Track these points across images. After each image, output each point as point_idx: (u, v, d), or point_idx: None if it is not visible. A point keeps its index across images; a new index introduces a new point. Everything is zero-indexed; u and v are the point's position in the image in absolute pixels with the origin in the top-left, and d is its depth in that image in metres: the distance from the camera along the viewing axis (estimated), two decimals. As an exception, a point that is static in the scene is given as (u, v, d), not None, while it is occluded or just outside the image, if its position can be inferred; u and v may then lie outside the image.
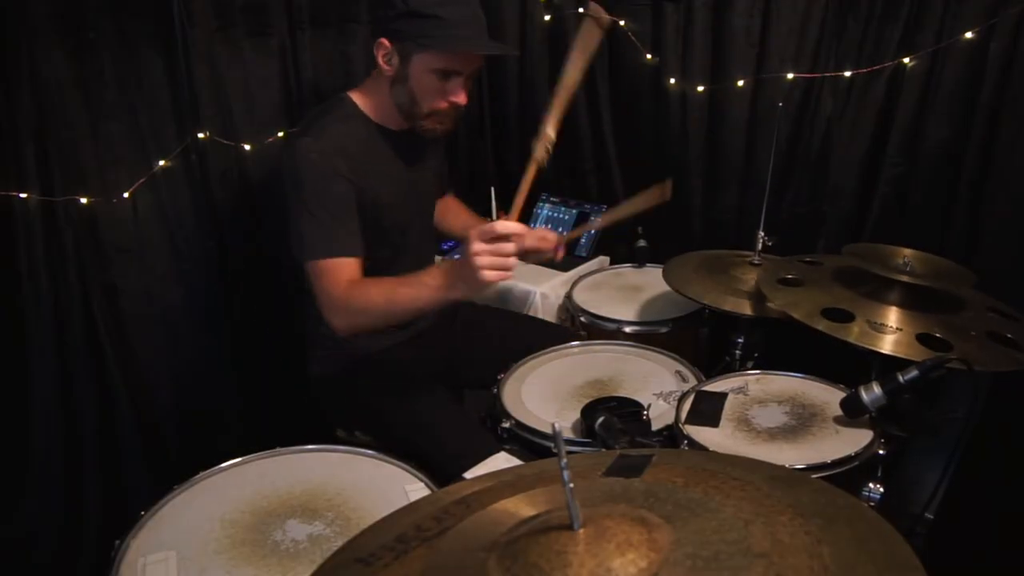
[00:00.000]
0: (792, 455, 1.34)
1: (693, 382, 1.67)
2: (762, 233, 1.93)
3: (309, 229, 1.58)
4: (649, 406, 1.47)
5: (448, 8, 1.54)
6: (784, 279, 1.69)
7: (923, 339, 1.44)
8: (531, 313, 2.31)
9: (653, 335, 2.05)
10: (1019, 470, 1.80)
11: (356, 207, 1.65)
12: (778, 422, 1.45)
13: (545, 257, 1.86)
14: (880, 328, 1.47)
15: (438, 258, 2.20)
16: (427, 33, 1.55)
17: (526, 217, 2.69)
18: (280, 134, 2.11)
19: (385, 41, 1.60)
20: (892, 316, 1.50)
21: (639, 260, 2.44)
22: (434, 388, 1.75)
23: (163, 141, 1.93)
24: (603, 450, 1.37)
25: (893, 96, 2.08)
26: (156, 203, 1.95)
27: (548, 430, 1.51)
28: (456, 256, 1.46)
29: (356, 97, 1.72)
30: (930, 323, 1.49)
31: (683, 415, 1.46)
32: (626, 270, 2.46)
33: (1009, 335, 1.51)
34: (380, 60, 1.63)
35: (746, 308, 1.80)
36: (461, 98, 1.64)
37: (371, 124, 1.71)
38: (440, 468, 1.38)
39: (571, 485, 0.64)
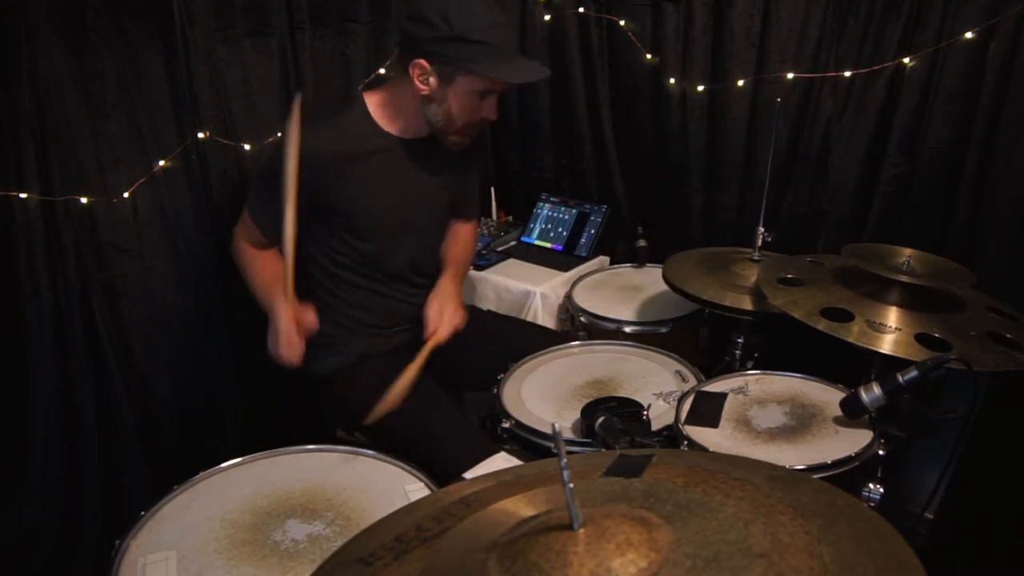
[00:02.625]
0: (792, 455, 1.34)
1: (693, 382, 1.67)
2: (762, 229, 1.93)
3: (258, 188, 1.76)
4: (649, 406, 1.47)
5: (492, 32, 1.57)
6: (784, 279, 1.69)
7: (923, 339, 1.44)
8: (531, 313, 2.31)
9: (653, 335, 2.05)
10: (1019, 470, 1.80)
11: (316, 210, 1.68)
12: (778, 422, 1.45)
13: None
14: (880, 328, 1.47)
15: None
16: (474, 58, 1.56)
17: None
18: (280, 134, 2.11)
19: (423, 62, 1.60)
20: (892, 316, 1.50)
21: (639, 260, 2.44)
22: (434, 388, 1.75)
23: (163, 141, 1.93)
24: (603, 450, 1.37)
25: (893, 96, 2.08)
26: (156, 203, 1.95)
27: (548, 430, 1.51)
28: (278, 313, 1.65)
29: (370, 100, 1.72)
30: (930, 323, 1.49)
31: (683, 415, 1.46)
32: (626, 270, 2.46)
33: (1009, 335, 1.51)
34: (416, 80, 1.63)
35: (745, 304, 1.80)
36: (493, 114, 1.69)
37: (376, 130, 1.71)
38: (440, 468, 1.38)
39: (571, 485, 0.64)
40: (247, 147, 2.06)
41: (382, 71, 2.26)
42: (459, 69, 1.59)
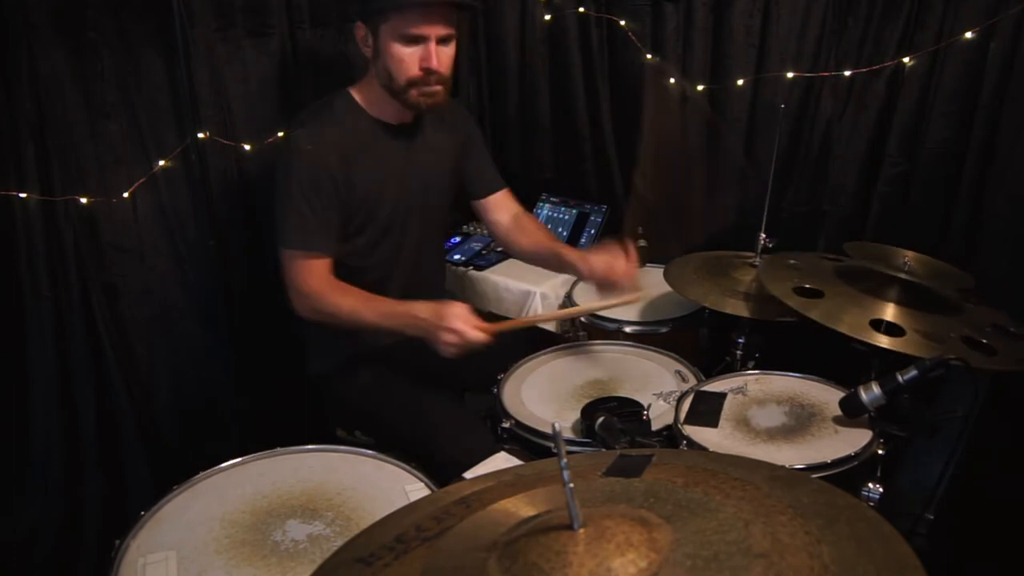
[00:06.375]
0: (792, 455, 1.34)
1: (693, 382, 1.67)
2: (763, 235, 1.93)
3: (290, 220, 1.65)
4: (649, 406, 1.47)
5: None
6: (801, 288, 1.67)
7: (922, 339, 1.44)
8: (531, 313, 2.30)
9: (653, 335, 2.05)
10: (1019, 470, 1.80)
11: (344, 203, 1.68)
12: (777, 422, 1.45)
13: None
14: (880, 327, 1.47)
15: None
16: (391, 3, 1.59)
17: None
18: (280, 134, 2.11)
19: (360, 24, 1.67)
20: (892, 315, 1.50)
21: (639, 260, 2.43)
22: (434, 388, 1.75)
23: (163, 141, 1.93)
24: (603, 450, 1.37)
25: (893, 96, 2.08)
26: (156, 203, 1.95)
27: (548, 430, 1.51)
28: (444, 312, 1.53)
29: (354, 92, 1.75)
30: (930, 323, 1.49)
31: (683, 415, 1.46)
32: (626, 270, 2.45)
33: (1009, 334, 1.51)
34: (361, 45, 1.69)
35: (746, 310, 1.80)
36: (432, 62, 1.64)
37: (367, 117, 1.73)
38: (440, 468, 1.38)
39: (571, 485, 0.64)
40: (247, 147, 2.06)
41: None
42: (380, 17, 1.62)
